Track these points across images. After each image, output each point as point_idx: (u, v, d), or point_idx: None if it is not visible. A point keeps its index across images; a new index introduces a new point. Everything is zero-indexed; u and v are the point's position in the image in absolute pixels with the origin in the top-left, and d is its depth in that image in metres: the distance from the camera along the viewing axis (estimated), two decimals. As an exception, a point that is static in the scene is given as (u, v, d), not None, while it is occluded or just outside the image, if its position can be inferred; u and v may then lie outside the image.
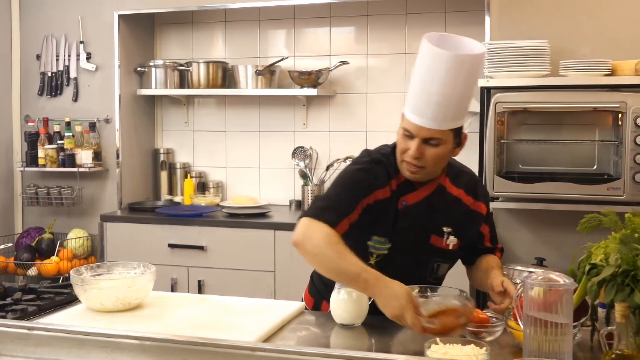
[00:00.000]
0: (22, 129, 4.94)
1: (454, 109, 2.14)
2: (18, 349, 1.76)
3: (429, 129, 2.15)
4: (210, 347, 1.58)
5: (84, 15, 4.82)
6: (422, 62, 2.14)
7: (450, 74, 2.09)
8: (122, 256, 4.15)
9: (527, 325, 1.70)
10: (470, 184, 2.39)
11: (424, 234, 2.30)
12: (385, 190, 2.25)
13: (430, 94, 2.12)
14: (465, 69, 2.11)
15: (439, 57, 2.09)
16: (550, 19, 3.75)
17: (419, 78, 2.16)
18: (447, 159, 2.28)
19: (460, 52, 2.10)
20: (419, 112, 2.15)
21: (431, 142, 2.17)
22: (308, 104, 4.66)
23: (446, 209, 2.32)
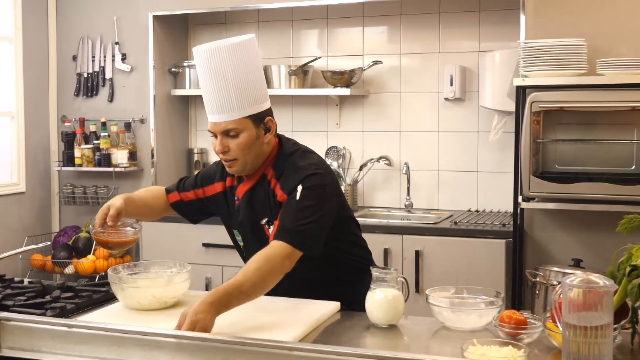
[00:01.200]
0: (59, 129, 5.01)
1: (236, 98, 2.25)
2: (58, 346, 1.79)
3: (221, 123, 2.28)
4: (247, 347, 1.59)
5: (119, 16, 4.87)
6: (197, 68, 2.33)
7: (212, 67, 2.26)
8: (157, 255, 4.18)
9: (566, 327, 1.68)
10: (283, 174, 2.33)
11: (257, 225, 2.40)
12: (223, 184, 2.49)
13: (208, 91, 2.29)
14: (228, 60, 2.25)
15: (198, 55, 2.30)
16: (587, 17, 3.71)
17: (200, 82, 2.33)
18: (257, 146, 2.32)
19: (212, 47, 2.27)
20: (209, 110, 2.31)
21: (230, 134, 2.29)
22: (341, 104, 4.66)
23: (264, 199, 2.37)
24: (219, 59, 2.25)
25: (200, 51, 2.29)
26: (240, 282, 2.08)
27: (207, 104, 2.32)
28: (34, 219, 4.96)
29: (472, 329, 2.05)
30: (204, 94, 2.33)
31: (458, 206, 4.41)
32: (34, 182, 4.94)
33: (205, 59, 2.27)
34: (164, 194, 2.62)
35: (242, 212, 2.42)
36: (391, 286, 2.12)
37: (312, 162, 2.35)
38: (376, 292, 2.13)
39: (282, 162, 2.38)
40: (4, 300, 2.24)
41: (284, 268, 2.19)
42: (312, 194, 2.25)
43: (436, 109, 4.46)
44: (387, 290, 2.12)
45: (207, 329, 1.90)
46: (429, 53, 4.46)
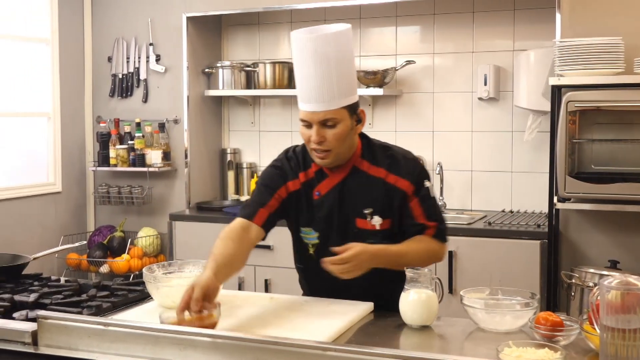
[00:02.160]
0: (94, 129, 5.07)
1: (337, 87, 2.23)
2: (94, 344, 1.80)
3: (320, 112, 2.25)
4: (281, 346, 1.59)
5: (153, 17, 4.92)
6: (295, 54, 2.29)
7: (318, 53, 2.21)
8: (190, 254, 4.20)
9: (604, 329, 1.65)
10: (393, 164, 2.36)
11: (347, 219, 2.35)
12: (295, 182, 2.40)
13: (309, 79, 2.24)
14: (331, 48, 2.22)
15: (300, 41, 2.25)
16: (624, 15, 3.65)
17: (297, 69, 2.30)
18: (350, 137, 2.31)
19: (327, 33, 2.24)
20: (307, 99, 2.27)
21: (328, 124, 2.26)
22: (374, 104, 4.65)
23: (364, 190, 2.35)
24: (324, 46, 2.22)
25: (304, 37, 2.25)
26: (403, 252, 2.26)
27: (304, 91, 2.27)
28: (69, 219, 5.02)
29: (507, 331, 2.03)
30: (302, 82, 2.27)
31: (492, 207, 4.38)
32: (69, 182, 5.01)
33: (310, 45, 2.22)
34: (244, 227, 2.38)
35: (326, 207, 2.36)
36: (425, 287, 2.11)
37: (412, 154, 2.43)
38: (410, 292, 2.12)
39: (377, 153, 2.38)
40: (41, 298, 2.28)
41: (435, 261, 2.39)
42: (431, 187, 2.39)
43: (470, 108, 4.43)
44: (420, 290, 2.11)
45: (357, 272, 2.09)
46: (463, 52, 4.43)
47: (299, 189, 2.40)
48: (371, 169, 2.36)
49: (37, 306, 2.21)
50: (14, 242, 4.42)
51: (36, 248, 3.40)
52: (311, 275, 2.48)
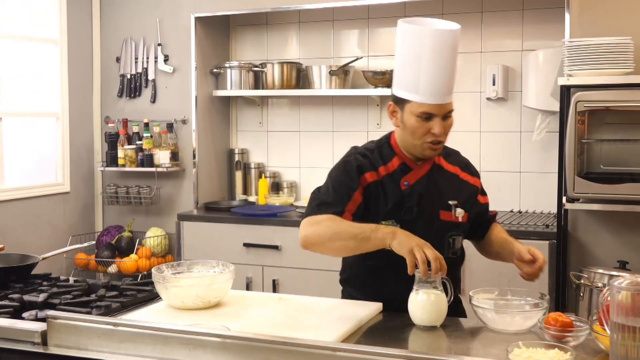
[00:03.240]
0: (103, 129, 5.08)
1: (454, 80, 2.33)
2: (104, 344, 1.81)
3: (446, 104, 2.30)
4: (291, 347, 1.59)
5: (161, 18, 4.92)
6: (421, 47, 2.26)
7: (448, 48, 2.26)
8: (198, 255, 4.22)
9: (614, 330, 1.65)
10: (462, 162, 2.53)
11: (432, 211, 2.37)
12: (373, 174, 2.36)
13: (437, 72, 2.26)
14: (455, 42, 2.29)
15: (445, 36, 2.25)
16: (633, 14, 3.64)
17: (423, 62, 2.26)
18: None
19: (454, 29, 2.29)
20: (432, 92, 2.27)
21: (447, 115, 2.32)
22: (382, 104, 4.64)
23: (446, 185, 2.42)
24: (452, 39, 2.27)
25: (432, 30, 2.27)
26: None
27: (430, 84, 2.26)
28: (77, 219, 5.03)
29: (517, 331, 2.03)
30: (427, 74, 2.26)
31: (501, 207, 4.36)
32: (78, 182, 5.02)
33: (439, 39, 2.25)
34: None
35: (416, 195, 2.36)
36: (434, 287, 2.11)
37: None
38: (419, 293, 2.12)
39: (446, 151, 2.49)
40: (51, 298, 2.28)
41: None
42: None
43: (478, 108, 4.42)
44: (429, 291, 2.11)
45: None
46: (472, 52, 4.43)
47: (380, 180, 2.36)
48: (447, 165, 2.47)
49: (46, 306, 2.21)
50: (23, 242, 4.43)
51: (45, 248, 3.41)
52: (387, 271, 2.36)
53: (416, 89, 2.27)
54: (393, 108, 2.37)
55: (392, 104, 2.37)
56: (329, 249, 2.32)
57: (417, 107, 2.28)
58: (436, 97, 2.27)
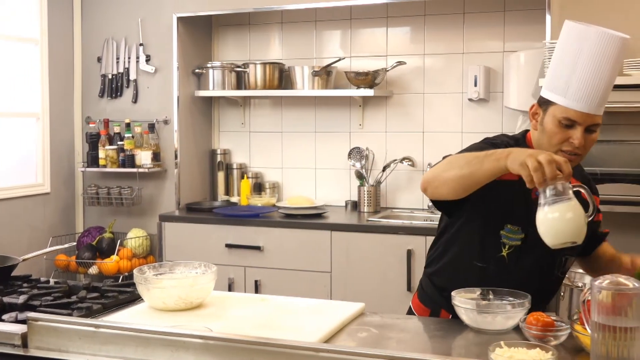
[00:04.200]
0: (84, 130, 5.05)
1: (608, 93, 2.12)
2: (85, 346, 1.79)
3: (594, 116, 2.10)
4: (274, 347, 1.58)
5: (143, 18, 4.90)
6: (589, 49, 2.07)
7: (613, 57, 2.06)
8: (180, 256, 4.20)
9: (595, 329, 1.66)
10: (585, 177, 2.32)
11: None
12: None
13: (593, 80, 2.06)
14: (620, 54, 2.08)
15: (611, 41, 2.05)
16: (613, 16, 3.67)
17: (572, 64, 2.08)
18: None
19: (620, 36, 2.07)
20: (583, 98, 2.07)
21: (592, 129, 2.12)
22: (364, 105, 4.65)
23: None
24: (614, 46, 2.06)
25: (616, 39, 2.07)
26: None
27: (581, 91, 2.07)
28: (58, 220, 5.00)
29: (498, 331, 2.04)
30: (580, 77, 2.07)
31: (482, 207, 4.38)
32: (58, 183, 4.99)
33: (602, 42, 2.05)
34: None
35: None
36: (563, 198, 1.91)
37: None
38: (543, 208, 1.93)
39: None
40: (31, 300, 2.26)
41: None
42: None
43: (460, 109, 4.44)
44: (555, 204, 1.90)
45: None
46: (453, 53, 4.44)
47: (517, 181, 2.03)
48: (574, 180, 2.08)
49: (26, 308, 2.19)
50: (3, 244, 4.39)
51: (25, 249, 3.39)
52: (493, 278, 2.23)
53: (565, 91, 2.09)
54: (535, 109, 2.21)
55: (536, 105, 2.21)
56: (443, 182, 2.10)
57: (561, 111, 2.10)
58: (585, 104, 2.07)
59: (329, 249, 4.06)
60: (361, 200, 4.51)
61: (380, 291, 3.94)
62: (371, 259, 3.98)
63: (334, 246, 4.04)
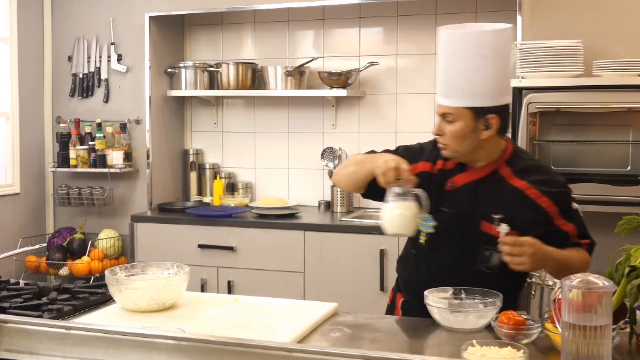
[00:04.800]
0: (54, 129, 5.00)
1: (460, 87, 2.25)
2: (56, 348, 1.78)
3: (442, 106, 2.31)
4: (247, 348, 1.58)
5: (114, 17, 4.86)
6: (440, 47, 2.32)
7: (450, 49, 2.27)
8: (152, 256, 4.17)
9: (566, 328, 1.68)
10: (540, 180, 2.32)
11: (473, 218, 2.31)
12: (427, 164, 2.40)
13: (441, 72, 2.32)
14: (470, 47, 2.24)
15: (448, 35, 2.29)
16: (583, 18, 3.72)
17: (442, 63, 2.33)
18: (472, 139, 2.28)
19: (467, 31, 2.28)
20: (439, 92, 2.34)
21: (447, 119, 2.30)
22: (337, 105, 4.66)
23: (498, 196, 2.31)
24: (461, 41, 2.25)
25: (449, 30, 2.30)
26: (565, 258, 2.27)
27: (439, 84, 2.34)
28: (28, 220, 4.94)
29: (471, 330, 2.05)
30: (439, 74, 2.35)
31: (454, 207, 4.41)
32: (28, 183, 4.93)
33: (449, 39, 2.28)
34: None
35: (456, 200, 2.33)
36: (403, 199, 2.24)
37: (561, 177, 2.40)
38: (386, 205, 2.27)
39: (524, 165, 2.35)
40: (0, 302, 2.23)
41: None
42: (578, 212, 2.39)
43: (432, 109, 4.46)
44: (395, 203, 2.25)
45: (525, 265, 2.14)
46: (426, 54, 4.47)
47: (433, 173, 2.38)
48: (512, 178, 2.31)
49: (-4, 310, 2.17)
50: (-29, 245, 4.34)
51: (-6, 250, 3.34)
52: (422, 264, 2.43)
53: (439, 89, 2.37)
54: None
55: None
56: (340, 179, 2.54)
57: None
58: (441, 97, 2.31)
59: (302, 249, 4.06)
60: (334, 201, 4.51)
61: (353, 291, 3.94)
62: (344, 259, 3.99)
63: (307, 246, 4.04)
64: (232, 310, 2.25)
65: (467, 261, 2.29)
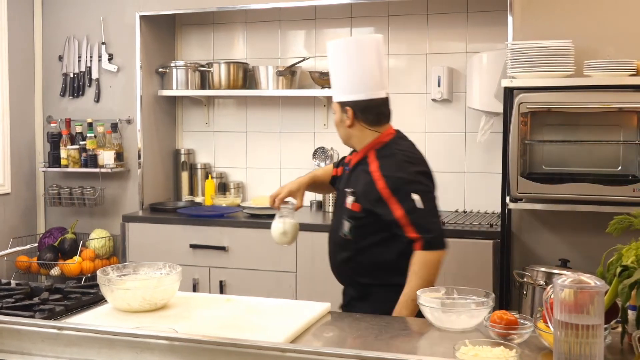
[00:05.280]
0: (45, 129, 4.98)
1: (334, 86, 2.78)
2: (48, 348, 1.77)
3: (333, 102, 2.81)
4: (240, 348, 1.58)
5: (105, 16, 4.85)
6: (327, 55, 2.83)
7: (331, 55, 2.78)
8: (143, 256, 4.17)
9: (558, 327, 1.68)
10: (386, 162, 2.66)
11: (344, 195, 2.74)
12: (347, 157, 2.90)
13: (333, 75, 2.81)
14: (337, 53, 2.75)
15: (329, 46, 2.79)
16: (574, 18, 3.73)
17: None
18: (342, 128, 2.77)
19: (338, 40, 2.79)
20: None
21: (333, 112, 2.81)
22: (329, 105, 4.65)
23: (358, 177, 2.71)
24: (334, 50, 2.76)
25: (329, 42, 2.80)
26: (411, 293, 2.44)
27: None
28: (19, 220, 4.92)
29: (463, 330, 2.06)
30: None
31: (445, 207, 4.40)
32: (19, 183, 4.91)
33: (328, 47, 2.79)
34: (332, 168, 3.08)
35: (344, 179, 2.83)
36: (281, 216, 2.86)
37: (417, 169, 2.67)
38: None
39: (386, 150, 2.70)
40: (-8, 302, 2.22)
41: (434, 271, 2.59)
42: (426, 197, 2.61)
43: (424, 110, 4.47)
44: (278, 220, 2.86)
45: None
46: (417, 54, 4.47)
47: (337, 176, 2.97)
48: (373, 162, 2.68)
49: (-13, 310, 2.16)
50: (-38, 245, 4.32)
51: (-15, 251, 3.32)
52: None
53: None
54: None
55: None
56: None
57: None
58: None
59: (294, 249, 4.05)
60: (326, 200, 4.51)
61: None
62: (336, 259, 3.98)
63: (299, 246, 4.04)
64: (225, 310, 2.25)
65: (337, 229, 2.72)
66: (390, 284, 2.59)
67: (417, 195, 2.55)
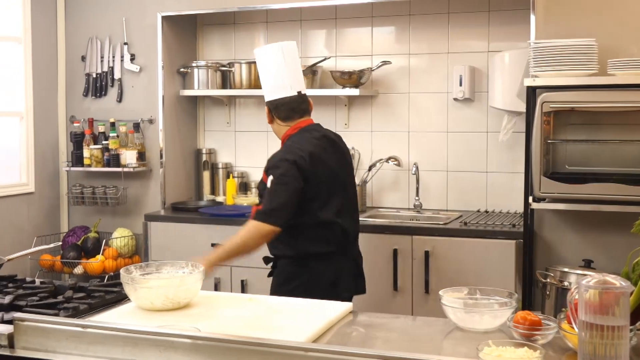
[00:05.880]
0: (68, 129, 5.02)
1: (262, 88, 3.22)
2: (72, 346, 1.79)
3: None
4: (263, 347, 1.59)
5: (127, 17, 4.88)
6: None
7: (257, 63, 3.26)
8: (165, 255, 4.19)
9: (582, 328, 1.67)
10: (277, 153, 3.12)
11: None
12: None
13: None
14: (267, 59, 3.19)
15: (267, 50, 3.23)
16: (597, 17, 3.70)
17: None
18: (272, 125, 3.24)
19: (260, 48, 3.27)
20: None
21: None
22: (350, 104, 4.65)
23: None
24: (257, 57, 3.24)
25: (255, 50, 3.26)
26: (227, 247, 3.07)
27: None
28: (42, 220, 4.96)
29: (486, 330, 2.04)
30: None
31: (467, 207, 4.40)
32: (43, 183, 4.95)
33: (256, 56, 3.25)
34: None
35: None
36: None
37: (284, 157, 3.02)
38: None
39: (286, 143, 3.14)
40: (17, 300, 2.24)
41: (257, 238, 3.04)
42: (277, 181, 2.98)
43: (445, 109, 4.45)
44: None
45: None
46: (438, 53, 4.46)
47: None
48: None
49: (12, 308, 2.17)
50: (-14, 244, 4.36)
51: (9, 249, 3.36)
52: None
53: None
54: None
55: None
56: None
57: None
58: None
59: (315, 249, 4.05)
60: (347, 200, 4.51)
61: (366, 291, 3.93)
62: (357, 259, 3.98)
63: (320, 245, 4.03)
64: (247, 310, 2.25)
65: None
66: (286, 256, 3.12)
67: (271, 177, 2.98)
